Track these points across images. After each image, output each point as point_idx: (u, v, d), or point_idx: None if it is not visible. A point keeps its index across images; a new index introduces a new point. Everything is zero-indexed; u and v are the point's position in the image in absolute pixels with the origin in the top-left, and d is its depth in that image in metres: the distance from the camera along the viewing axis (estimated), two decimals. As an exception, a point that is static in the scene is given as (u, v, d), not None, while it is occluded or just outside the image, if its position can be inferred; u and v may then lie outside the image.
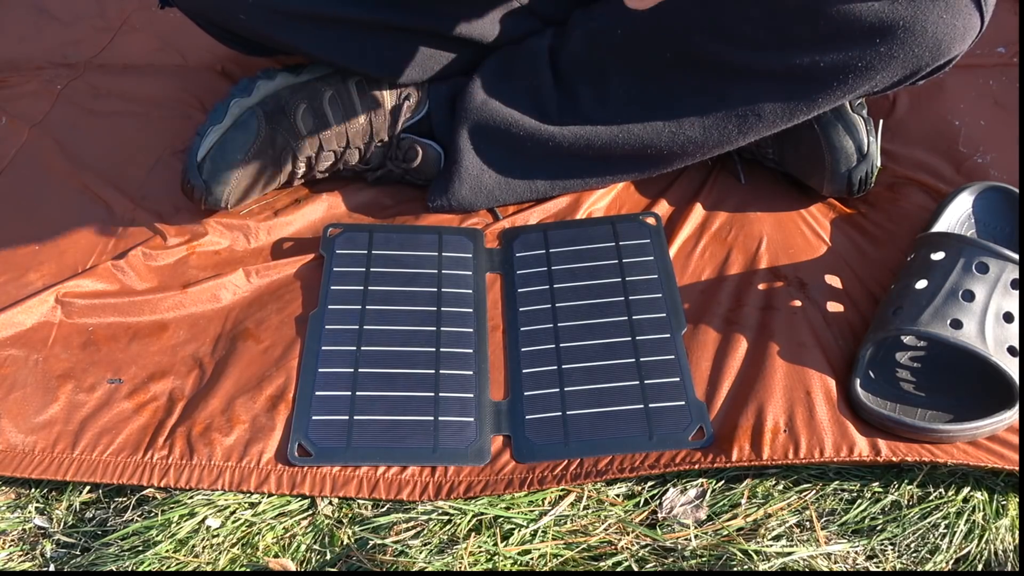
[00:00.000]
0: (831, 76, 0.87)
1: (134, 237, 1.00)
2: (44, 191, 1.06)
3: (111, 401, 0.85)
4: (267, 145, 0.97)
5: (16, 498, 0.81)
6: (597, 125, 0.96)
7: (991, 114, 1.10)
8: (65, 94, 1.18)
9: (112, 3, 1.31)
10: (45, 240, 1.00)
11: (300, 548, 0.77)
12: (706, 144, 0.94)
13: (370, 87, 1.00)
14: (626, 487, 0.80)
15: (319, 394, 0.84)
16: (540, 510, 0.79)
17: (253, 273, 0.95)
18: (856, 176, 0.97)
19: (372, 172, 1.03)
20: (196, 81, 1.18)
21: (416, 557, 0.75)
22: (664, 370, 0.85)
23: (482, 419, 0.83)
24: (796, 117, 0.91)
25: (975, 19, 0.84)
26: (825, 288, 0.93)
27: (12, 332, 0.91)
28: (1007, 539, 0.76)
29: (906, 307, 0.83)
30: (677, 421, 0.82)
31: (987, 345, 0.80)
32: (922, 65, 0.86)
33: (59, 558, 0.77)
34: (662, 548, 0.76)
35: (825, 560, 0.75)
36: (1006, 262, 0.82)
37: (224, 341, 0.90)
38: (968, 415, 0.80)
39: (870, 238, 0.98)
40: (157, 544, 0.76)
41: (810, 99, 0.89)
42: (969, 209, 0.96)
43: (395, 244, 0.97)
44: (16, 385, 0.87)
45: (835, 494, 0.79)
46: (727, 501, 0.79)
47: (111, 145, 1.11)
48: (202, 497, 0.79)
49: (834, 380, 0.84)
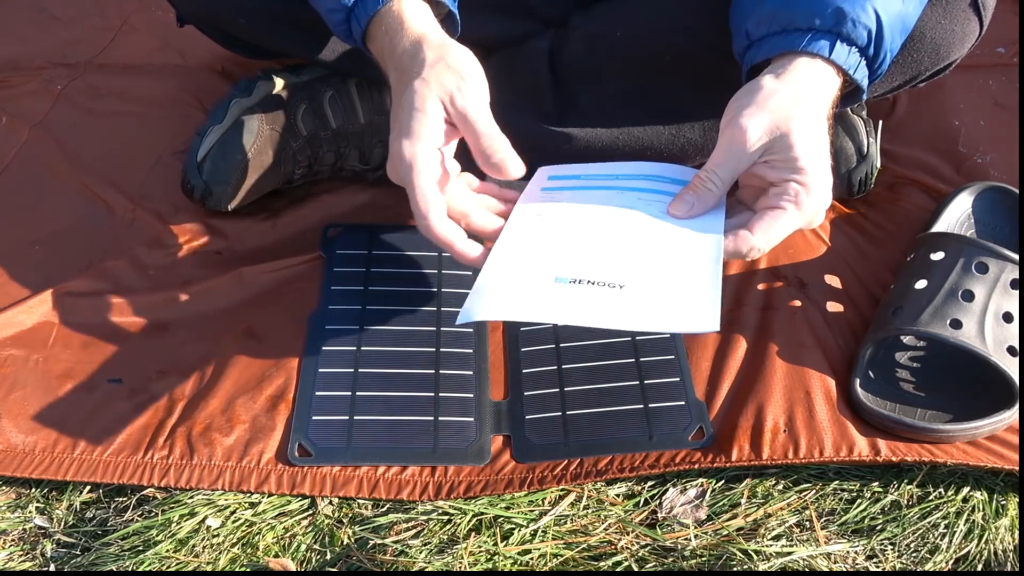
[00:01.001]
0: None
1: (134, 237, 1.00)
2: (44, 191, 1.06)
3: (111, 401, 0.85)
4: (267, 145, 0.97)
5: (16, 498, 0.81)
6: (597, 127, 0.96)
7: (991, 114, 1.10)
8: (65, 94, 1.18)
9: (112, 3, 1.31)
10: (45, 240, 1.00)
11: (300, 548, 0.77)
12: (706, 146, 0.94)
13: (370, 88, 1.00)
14: (626, 487, 0.80)
15: (319, 394, 0.84)
16: (540, 510, 0.79)
17: (253, 273, 0.95)
18: (856, 177, 0.97)
19: (372, 172, 1.03)
20: (196, 81, 1.18)
21: (416, 557, 0.75)
22: (664, 370, 0.86)
23: (482, 419, 0.83)
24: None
25: (974, 24, 0.84)
26: (825, 288, 0.93)
27: (12, 332, 0.91)
28: (1007, 539, 0.76)
29: (906, 307, 0.83)
30: (677, 421, 0.82)
31: (987, 345, 0.80)
32: (921, 70, 0.86)
33: (59, 558, 0.77)
34: (662, 548, 0.76)
35: (825, 560, 0.75)
36: (1006, 262, 0.82)
37: (224, 341, 0.90)
38: (968, 415, 0.80)
39: (870, 238, 0.98)
40: (157, 544, 0.76)
41: None
42: (969, 209, 0.96)
43: (395, 244, 0.97)
44: (16, 385, 0.87)
45: (835, 494, 0.79)
46: (727, 501, 0.79)
47: (111, 145, 1.11)
48: (202, 497, 0.79)
49: (834, 380, 0.84)
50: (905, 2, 0.73)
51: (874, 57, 0.74)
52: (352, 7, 0.77)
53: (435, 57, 0.73)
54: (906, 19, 0.74)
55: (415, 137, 0.71)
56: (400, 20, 0.76)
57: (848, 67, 0.73)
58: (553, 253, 0.72)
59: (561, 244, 0.73)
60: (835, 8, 0.72)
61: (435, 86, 0.72)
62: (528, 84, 0.98)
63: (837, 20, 0.72)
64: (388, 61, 0.77)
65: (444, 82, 0.72)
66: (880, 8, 0.72)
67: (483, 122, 0.72)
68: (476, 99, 0.73)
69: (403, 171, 0.72)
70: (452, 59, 0.73)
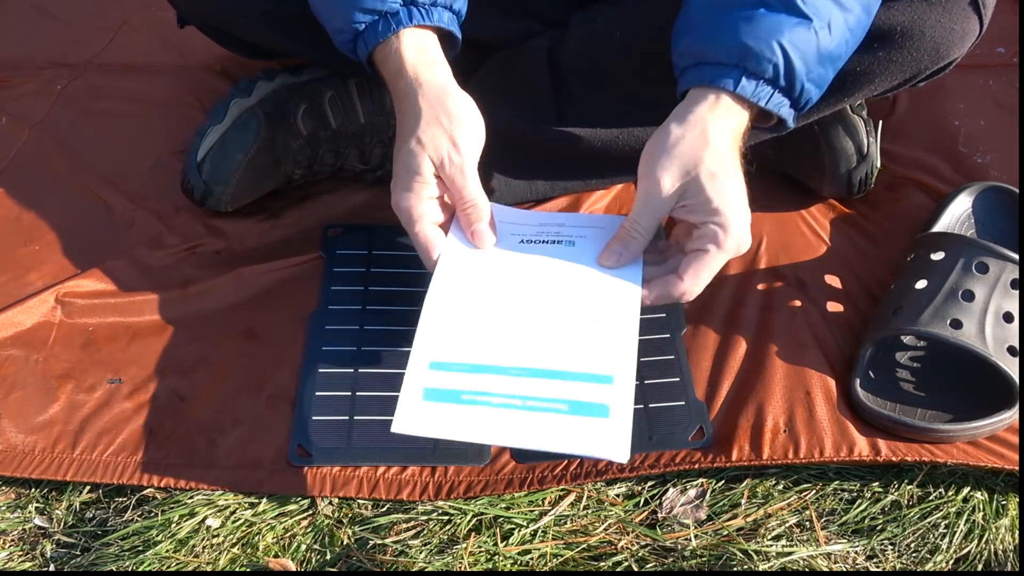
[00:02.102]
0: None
1: (134, 237, 1.00)
2: (44, 191, 1.06)
3: (111, 401, 0.85)
4: (267, 145, 0.97)
5: (16, 498, 0.81)
6: (596, 127, 0.96)
7: (991, 114, 1.10)
8: (65, 94, 1.18)
9: (112, 3, 1.31)
10: (45, 240, 1.00)
11: (300, 548, 0.77)
12: None
13: (370, 88, 0.99)
14: (626, 487, 0.80)
15: (319, 394, 0.84)
16: (540, 510, 0.79)
17: (253, 273, 0.95)
18: (856, 177, 0.97)
19: (372, 172, 1.03)
20: (196, 81, 1.18)
21: (416, 557, 0.75)
22: (664, 370, 0.85)
23: (482, 419, 0.83)
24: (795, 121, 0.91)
25: (974, 23, 0.84)
26: (825, 288, 0.93)
27: (12, 332, 0.91)
28: (1007, 539, 0.76)
29: (906, 307, 0.83)
30: (677, 421, 0.82)
31: (987, 345, 0.80)
32: (921, 69, 0.86)
33: (59, 558, 0.77)
34: (662, 548, 0.76)
35: (825, 560, 0.75)
36: (1006, 262, 0.82)
37: (224, 341, 0.90)
38: (968, 415, 0.80)
39: (870, 238, 0.98)
40: (157, 544, 0.76)
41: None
42: (969, 209, 0.96)
43: (395, 244, 0.97)
44: (16, 385, 0.87)
45: (835, 494, 0.79)
46: (727, 501, 0.79)
47: (111, 145, 1.11)
48: (202, 497, 0.79)
49: (834, 380, 0.84)
50: (824, 34, 0.75)
51: (789, 88, 0.76)
52: (358, 34, 0.82)
53: (431, 114, 0.79)
54: (829, 50, 0.76)
55: (413, 194, 0.79)
56: (400, 60, 0.81)
57: (757, 99, 0.76)
58: (469, 341, 0.76)
59: (477, 330, 0.77)
60: (739, 44, 0.75)
61: (430, 149, 0.78)
62: (527, 84, 0.98)
63: (742, 55, 0.75)
64: (391, 90, 0.83)
65: (438, 147, 0.78)
66: (787, 43, 0.74)
67: (468, 189, 0.79)
68: (465, 164, 0.78)
69: (403, 220, 0.80)
70: (447, 115, 0.79)
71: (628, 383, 0.73)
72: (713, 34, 0.76)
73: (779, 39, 0.74)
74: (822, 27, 0.74)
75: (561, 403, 0.72)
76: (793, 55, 0.74)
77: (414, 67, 0.80)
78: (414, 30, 0.81)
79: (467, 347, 0.76)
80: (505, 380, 0.74)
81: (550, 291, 0.79)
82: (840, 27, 0.75)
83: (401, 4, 0.80)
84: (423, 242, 0.79)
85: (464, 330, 0.77)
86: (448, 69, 0.82)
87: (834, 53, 0.76)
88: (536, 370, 0.74)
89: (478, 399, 0.72)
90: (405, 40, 0.81)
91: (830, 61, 0.77)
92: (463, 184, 0.79)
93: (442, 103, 0.79)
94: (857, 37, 0.78)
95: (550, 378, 0.73)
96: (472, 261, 0.80)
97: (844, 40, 0.76)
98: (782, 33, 0.74)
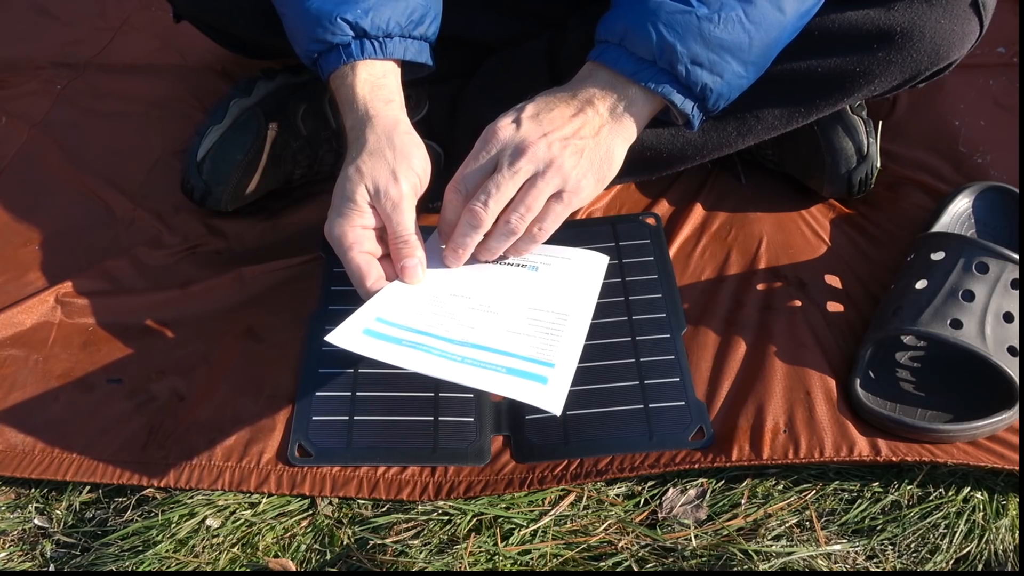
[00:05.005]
0: (830, 81, 0.87)
1: (134, 237, 1.00)
2: (44, 191, 1.06)
3: (111, 401, 0.85)
4: (267, 145, 0.97)
5: (16, 498, 0.81)
6: None
7: (991, 114, 1.10)
8: (65, 94, 1.18)
9: (112, 3, 1.32)
10: (45, 240, 1.00)
11: (300, 548, 0.77)
12: (705, 147, 0.94)
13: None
14: (626, 487, 0.80)
15: (319, 394, 0.84)
16: (540, 510, 0.79)
17: (253, 273, 0.95)
18: (856, 177, 0.97)
19: (372, 172, 1.03)
20: (196, 81, 1.18)
21: (416, 557, 0.75)
22: (664, 370, 0.85)
23: (482, 419, 0.83)
24: (795, 121, 0.91)
25: (974, 24, 0.84)
26: (825, 288, 0.93)
27: (12, 332, 0.91)
28: (1007, 539, 0.76)
29: (906, 307, 0.83)
30: (677, 421, 0.82)
31: (987, 345, 0.80)
32: (921, 70, 0.86)
33: (59, 558, 0.77)
34: (662, 548, 0.76)
35: (825, 560, 0.75)
36: (1006, 262, 0.82)
37: (224, 341, 0.90)
38: (968, 415, 0.80)
39: (870, 238, 0.98)
40: (157, 544, 0.76)
41: (809, 104, 0.89)
42: (969, 209, 0.96)
43: (395, 244, 0.97)
44: (16, 385, 0.87)
45: (835, 494, 0.79)
46: (727, 501, 0.79)
47: (111, 145, 1.11)
48: (202, 497, 0.79)
49: (834, 380, 0.84)
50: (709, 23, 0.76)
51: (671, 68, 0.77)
52: (314, 60, 0.83)
53: (376, 146, 0.79)
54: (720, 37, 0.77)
55: (346, 221, 0.79)
56: (352, 92, 0.82)
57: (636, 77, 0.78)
58: (421, 311, 0.79)
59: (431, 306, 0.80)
60: (621, 25, 0.78)
61: (367, 179, 0.79)
62: (526, 84, 0.98)
63: (622, 35, 0.78)
64: (343, 117, 0.84)
65: (376, 177, 0.79)
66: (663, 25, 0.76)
67: (402, 225, 0.79)
68: (403, 199, 0.79)
69: (335, 246, 0.80)
70: (393, 149, 0.79)
71: (568, 371, 0.75)
72: (611, 18, 0.80)
73: (654, 21, 0.76)
74: (711, 15, 0.76)
75: (499, 368, 0.74)
76: (667, 35, 0.76)
77: (364, 101, 0.81)
78: (369, 62, 0.82)
79: (417, 315, 0.78)
80: (447, 343, 0.75)
81: (506, 289, 0.82)
82: (733, 19, 0.76)
83: (353, 37, 0.81)
84: (355, 270, 0.79)
85: (419, 303, 0.79)
86: (402, 103, 0.83)
87: (728, 42, 0.77)
88: (480, 345, 0.76)
89: (418, 346, 0.74)
90: (359, 73, 0.82)
91: (726, 50, 0.77)
92: (398, 219, 0.79)
93: (390, 137, 0.80)
94: (767, 30, 0.78)
95: (492, 352, 0.75)
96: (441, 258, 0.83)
97: (744, 31, 0.77)
98: (659, 16, 0.76)
